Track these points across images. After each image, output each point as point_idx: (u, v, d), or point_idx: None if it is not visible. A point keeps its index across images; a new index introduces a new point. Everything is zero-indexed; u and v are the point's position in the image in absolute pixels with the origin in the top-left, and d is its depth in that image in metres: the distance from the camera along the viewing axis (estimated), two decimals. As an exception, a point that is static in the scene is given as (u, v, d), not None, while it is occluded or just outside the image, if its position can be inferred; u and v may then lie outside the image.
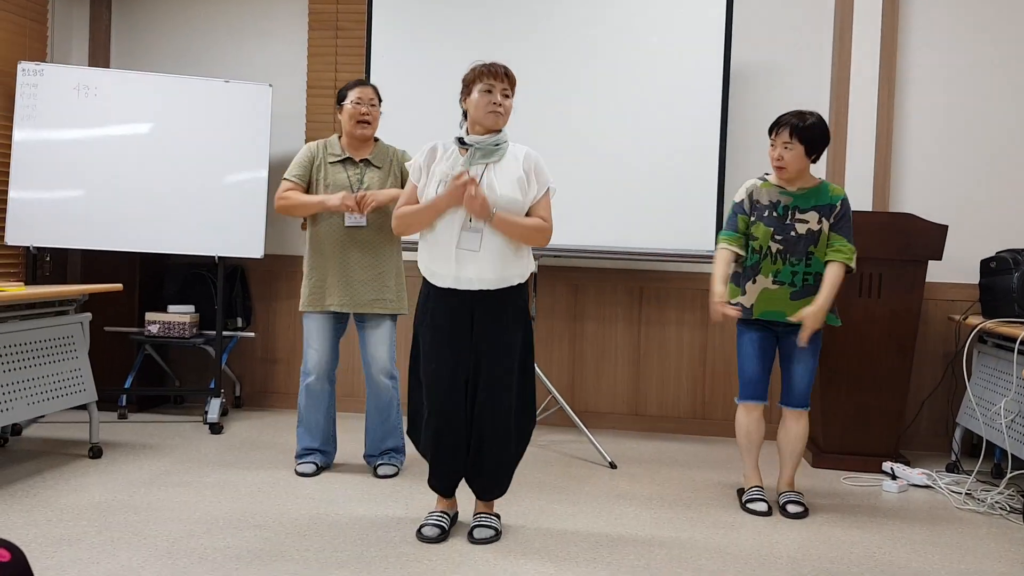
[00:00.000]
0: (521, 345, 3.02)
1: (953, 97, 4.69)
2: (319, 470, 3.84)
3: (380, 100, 3.83)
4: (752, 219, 3.45)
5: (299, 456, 3.87)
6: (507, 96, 2.94)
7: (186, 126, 4.71)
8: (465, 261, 2.89)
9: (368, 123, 3.75)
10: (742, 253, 3.48)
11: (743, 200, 3.50)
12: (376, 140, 3.86)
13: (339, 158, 3.77)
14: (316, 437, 3.85)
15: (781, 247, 3.39)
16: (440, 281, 2.95)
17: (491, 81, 2.91)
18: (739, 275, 3.51)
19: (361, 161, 3.78)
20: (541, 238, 2.97)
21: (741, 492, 3.63)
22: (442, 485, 3.10)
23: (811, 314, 3.32)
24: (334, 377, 3.86)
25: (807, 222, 3.38)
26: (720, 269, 3.48)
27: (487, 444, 2.98)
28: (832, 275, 3.38)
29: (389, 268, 3.77)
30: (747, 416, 3.54)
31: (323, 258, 3.75)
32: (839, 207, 3.41)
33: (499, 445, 2.99)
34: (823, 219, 3.39)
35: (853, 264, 3.39)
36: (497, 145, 2.94)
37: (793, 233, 3.38)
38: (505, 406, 2.97)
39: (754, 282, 3.44)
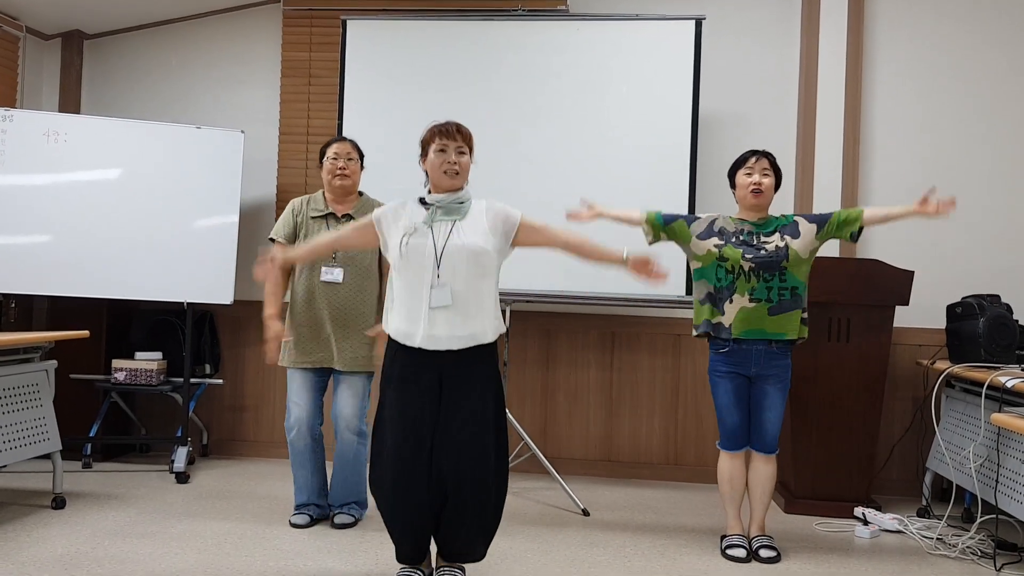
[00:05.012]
0: (493, 413, 2.89)
1: (918, 145, 4.79)
2: (313, 521, 3.81)
3: (361, 155, 3.87)
4: (721, 243, 3.51)
5: (295, 508, 3.86)
6: (462, 153, 2.88)
7: (156, 172, 4.68)
8: (437, 320, 2.79)
9: (346, 176, 3.77)
10: (649, 236, 3.64)
11: (700, 218, 3.61)
12: (361, 194, 3.88)
13: (321, 213, 3.78)
14: (308, 492, 3.84)
15: (753, 264, 3.44)
16: (409, 341, 2.83)
17: (444, 141, 2.86)
18: (714, 296, 3.52)
19: (343, 216, 3.78)
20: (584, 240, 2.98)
21: (723, 538, 3.63)
22: (410, 553, 2.93)
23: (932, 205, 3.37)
24: (318, 432, 3.81)
25: (773, 242, 3.49)
26: (623, 210, 3.67)
27: (467, 511, 2.83)
28: (877, 209, 3.53)
29: (368, 325, 3.73)
30: (730, 462, 3.55)
31: (302, 315, 3.75)
32: (799, 220, 3.55)
33: (479, 513, 2.86)
34: (786, 236, 3.49)
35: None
36: (461, 203, 2.88)
37: (763, 251, 3.46)
38: (480, 477, 2.83)
39: (731, 301, 3.46)
